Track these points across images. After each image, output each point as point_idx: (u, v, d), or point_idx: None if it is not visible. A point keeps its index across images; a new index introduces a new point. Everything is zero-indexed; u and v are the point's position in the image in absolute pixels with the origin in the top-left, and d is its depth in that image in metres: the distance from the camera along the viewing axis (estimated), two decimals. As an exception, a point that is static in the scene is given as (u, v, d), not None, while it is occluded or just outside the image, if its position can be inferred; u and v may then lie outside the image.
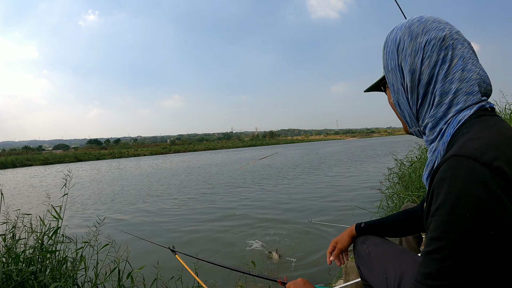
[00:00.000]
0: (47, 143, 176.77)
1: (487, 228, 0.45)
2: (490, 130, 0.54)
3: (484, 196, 0.45)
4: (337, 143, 55.87)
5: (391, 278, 0.86)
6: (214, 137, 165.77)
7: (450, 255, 0.47)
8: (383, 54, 0.71)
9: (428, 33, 0.61)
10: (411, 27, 0.64)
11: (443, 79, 0.59)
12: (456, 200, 0.47)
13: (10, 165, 39.63)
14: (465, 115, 0.58)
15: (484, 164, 0.47)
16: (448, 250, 0.47)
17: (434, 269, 0.48)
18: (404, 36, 0.64)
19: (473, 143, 0.51)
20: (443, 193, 0.49)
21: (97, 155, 52.99)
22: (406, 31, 0.64)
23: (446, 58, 0.59)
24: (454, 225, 0.47)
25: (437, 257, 0.48)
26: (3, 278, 1.71)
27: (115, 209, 7.43)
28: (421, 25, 0.62)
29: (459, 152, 0.50)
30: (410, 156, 5.38)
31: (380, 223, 1.04)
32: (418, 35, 0.62)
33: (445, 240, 0.47)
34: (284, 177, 11.18)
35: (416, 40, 0.62)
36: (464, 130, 0.56)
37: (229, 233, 4.80)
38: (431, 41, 0.60)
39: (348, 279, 2.09)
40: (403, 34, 0.64)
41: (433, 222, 0.50)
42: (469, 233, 0.46)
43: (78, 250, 2.15)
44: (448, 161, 0.50)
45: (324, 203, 6.32)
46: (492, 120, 0.56)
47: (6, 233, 2.15)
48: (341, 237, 1.10)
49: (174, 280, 2.36)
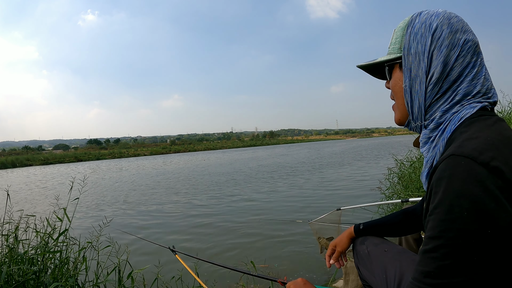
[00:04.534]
0: (47, 143, 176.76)
1: (484, 227, 0.46)
2: (488, 129, 0.54)
3: (481, 196, 0.46)
4: (340, 143, 55.81)
5: (391, 278, 0.87)
6: (214, 137, 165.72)
7: (448, 254, 0.47)
8: (401, 34, 0.67)
9: (467, 34, 0.61)
10: (450, 19, 0.62)
11: (470, 81, 0.60)
12: (454, 199, 0.48)
13: (10, 165, 39.58)
14: (467, 113, 0.58)
15: (482, 164, 0.48)
16: (446, 249, 0.48)
17: (432, 268, 0.49)
18: (443, 26, 0.61)
19: (471, 142, 0.51)
20: (441, 192, 0.49)
21: (97, 155, 52.91)
22: (445, 21, 0.61)
23: (476, 63, 0.60)
24: (452, 224, 0.47)
25: (435, 256, 0.49)
26: (4, 278, 1.72)
27: (115, 209, 7.43)
28: (459, 22, 0.62)
29: (457, 152, 0.51)
30: (410, 156, 5.39)
31: (379, 223, 1.04)
32: (457, 30, 0.61)
33: (443, 239, 0.48)
34: (284, 177, 11.18)
35: (456, 35, 0.60)
36: (463, 129, 0.56)
37: (229, 233, 4.80)
38: (468, 42, 0.60)
39: (347, 279, 2.09)
40: (441, 23, 0.61)
41: (431, 220, 0.51)
42: (467, 232, 0.46)
43: (80, 251, 2.16)
44: (446, 160, 0.51)
45: (325, 204, 6.32)
46: (491, 120, 0.57)
47: (9, 233, 2.16)
48: (340, 240, 1.10)
49: (174, 280, 2.37)
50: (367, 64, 0.73)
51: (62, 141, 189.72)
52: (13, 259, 1.93)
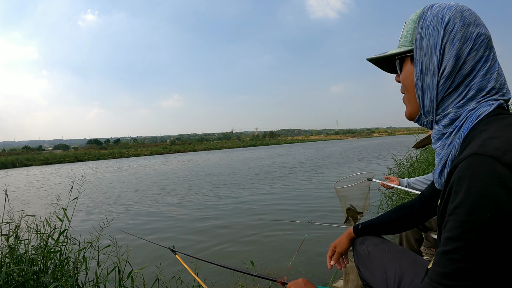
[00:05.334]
0: (47, 143, 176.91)
1: (506, 229, 0.45)
2: (508, 129, 0.53)
3: (504, 197, 0.45)
4: (340, 143, 55.79)
5: (391, 278, 0.87)
6: (214, 137, 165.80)
7: (468, 256, 0.46)
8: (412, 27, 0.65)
9: (479, 27, 0.60)
10: (463, 12, 0.61)
11: (483, 76, 0.59)
12: (476, 200, 0.46)
13: (10, 165, 39.58)
14: (485, 111, 0.57)
15: (505, 165, 0.47)
16: (466, 251, 0.46)
17: (451, 269, 0.48)
18: (456, 19, 0.60)
19: (493, 142, 0.50)
20: (463, 192, 0.48)
21: (97, 155, 52.90)
22: (457, 14, 0.60)
23: (489, 57, 0.60)
24: (473, 226, 0.46)
25: (455, 257, 0.48)
26: (4, 278, 1.72)
27: (115, 209, 7.43)
28: (472, 16, 0.61)
29: (480, 151, 0.49)
30: (410, 156, 5.40)
31: (377, 222, 1.05)
32: (470, 24, 0.60)
33: (464, 241, 0.47)
34: (284, 178, 11.18)
35: (468, 28, 0.59)
36: (482, 127, 0.55)
37: (229, 233, 4.80)
38: (481, 36, 0.59)
39: (347, 279, 2.09)
40: (453, 16, 0.60)
41: (451, 221, 0.49)
42: (488, 234, 0.45)
43: (80, 251, 2.16)
44: (469, 159, 0.49)
45: (324, 203, 6.32)
46: (509, 119, 0.56)
47: (9, 233, 2.16)
48: (339, 241, 1.10)
49: (174, 280, 2.37)
50: (377, 57, 0.71)
51: (62, 141, 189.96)
52: (13, 259, 1.93)
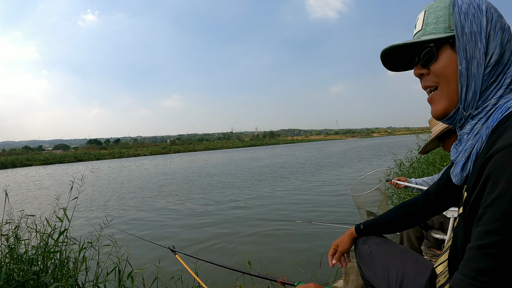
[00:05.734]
0: (47, 143, 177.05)
1: None
2: None
3: None
4: (340, 143, 55.80)
5: (393, 278, 0.86)
6: (214, 137, 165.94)
7: (509, 250, 0.44)
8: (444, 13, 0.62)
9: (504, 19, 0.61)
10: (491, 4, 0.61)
11: None
12: None
13: (10, 165, 39.60)
14: None
15: None
16: (507, 245, 0.44)
17: (489, 265, 0.46)
18: (491, 9, 0.60)
19: None
20: (504, 183, 0.46)
21: (97, 155, 52.94)
22: (490, 5, 0.60)
23: None
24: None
25: (493, 252, 0.45)
26: (4, 278, 1.71)
27: (115, 209, 7.43)
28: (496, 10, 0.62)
29: None
30: (410, 156, 5.39)
31: (379, 222, 1.04)
32: (501, 16, 0.60)
33: (504, 234, 0.45)
34: (284, 178, 11.18)
35: (502, 19, 0.60)
36: None
37: (229, 233, 4.79)
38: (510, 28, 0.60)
39: (347, 279, 2.09)
40: (489, 6, 0.60)
41: (489, 213, 0.47)
42: None
43: (80, 251, 2.16)
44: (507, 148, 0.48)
45: (324, 203, 6.32)
46: None
47: (9, 233, 2.16)
48: (341, 240, 1.10)
49: (174, 280, 2.37)
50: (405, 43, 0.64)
51: (62, 141, 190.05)
52: (13, 259, 1.92)
